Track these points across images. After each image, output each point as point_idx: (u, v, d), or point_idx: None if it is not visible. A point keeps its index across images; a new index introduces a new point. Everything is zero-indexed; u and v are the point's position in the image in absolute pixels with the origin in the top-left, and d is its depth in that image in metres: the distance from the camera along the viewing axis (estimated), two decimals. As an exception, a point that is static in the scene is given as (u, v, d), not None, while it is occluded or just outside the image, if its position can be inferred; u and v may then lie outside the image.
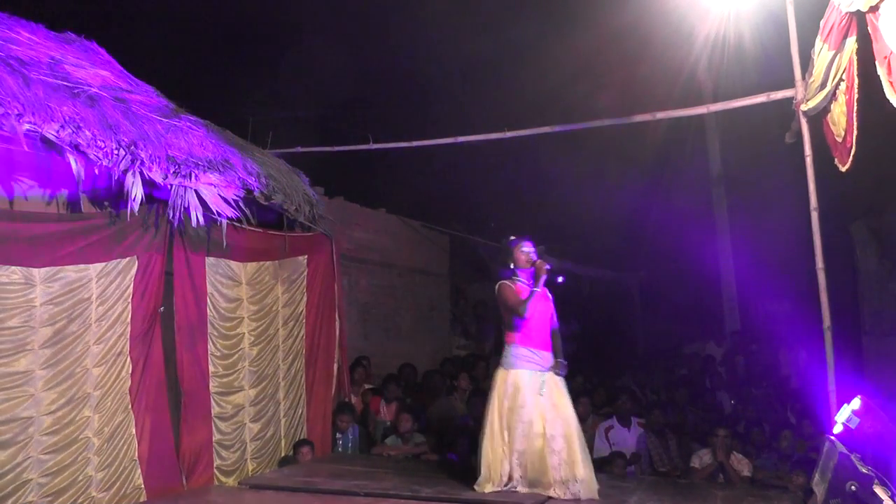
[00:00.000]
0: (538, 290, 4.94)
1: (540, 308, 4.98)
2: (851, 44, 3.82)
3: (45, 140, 4.21)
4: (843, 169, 4.27)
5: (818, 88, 4.61)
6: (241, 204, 5.52)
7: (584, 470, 4.74)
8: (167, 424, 5.06)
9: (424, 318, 10.49)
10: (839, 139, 4.26)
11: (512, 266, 5.08)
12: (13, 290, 4.15)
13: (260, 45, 11.52)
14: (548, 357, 4.96)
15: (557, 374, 4.95)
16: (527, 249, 5.07)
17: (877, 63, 3.27)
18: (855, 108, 3.83)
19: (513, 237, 5.18)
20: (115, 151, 4.52)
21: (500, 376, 4.94)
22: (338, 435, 6.60)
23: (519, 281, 5.05)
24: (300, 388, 6.42)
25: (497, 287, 5.08)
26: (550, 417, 4.79)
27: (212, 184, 5.26)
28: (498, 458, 4.80)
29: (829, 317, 5.16)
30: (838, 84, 4.20)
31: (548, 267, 4.97)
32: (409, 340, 9.90)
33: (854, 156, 4.03)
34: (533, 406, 4.79)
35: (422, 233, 10.55)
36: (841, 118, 4.17)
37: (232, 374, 5.68)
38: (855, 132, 3.89)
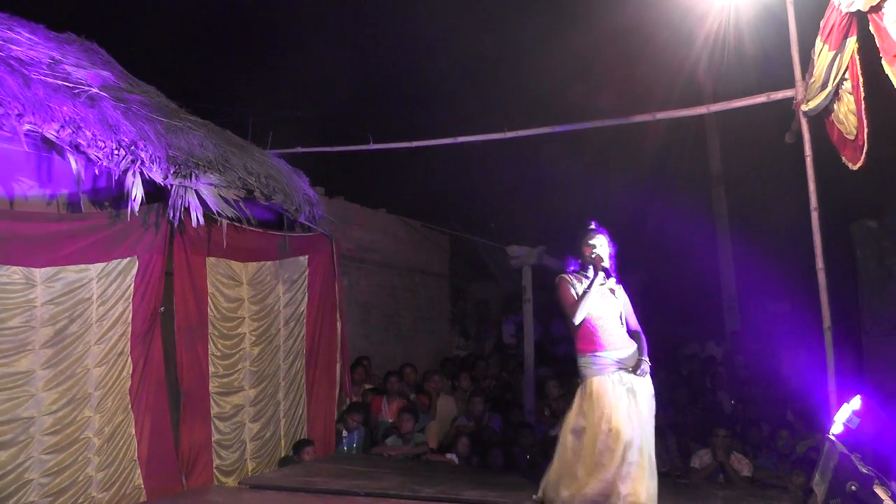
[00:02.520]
0: (590, 290, 4.38)
1: (605, 306, 4.45)
2: (852, 44, 3.83)
3: (45, 140, 4.21)
4: (855, 167, 4.25)
5: (819, 89, 4.62)
6: (241, 204, 5.53)
7: (644, 490, 4.10)
8: (167, 424, 5.06)
9: (424, 318, 10.49)
10: (850, 137, 4.26)
11: (579, 260, 4.58)
12: (14, 291, 4.15)
13: (260, 45, 11.52)
14: (623, 357, 4.39)
15: (636, 374, 4.35)
16: (592, 242, 4.49)
17: (884, 62, 3.28)
18: (863, 106, 3.83)
19: (591, 227, 4.59)
20: (115, 151, 4.53)
21: (579, 391, 4.39)
22: (344, 433, 6.62)
23: (583, 276, 4.52)
24: (300, 388, 6.42)
25: (556, 281, 4.58)
26: (626, 423, 4.20)
27: (212, 184, 5.27)
28: (581, 482, 4.17)
29: (829, 317, 5.16)
30: (840, 84, 4.21)
31: (603, 265, 4.42)
32: (409, 340, 9.91)
33: (866, 153, 4.02)
34: (613, 415, 4.20)
35: (422, 233, 10.55)
36: (849, 117, 4.18)
37: (232, 374, 5.69)
38: (866, 129, 3.89)
